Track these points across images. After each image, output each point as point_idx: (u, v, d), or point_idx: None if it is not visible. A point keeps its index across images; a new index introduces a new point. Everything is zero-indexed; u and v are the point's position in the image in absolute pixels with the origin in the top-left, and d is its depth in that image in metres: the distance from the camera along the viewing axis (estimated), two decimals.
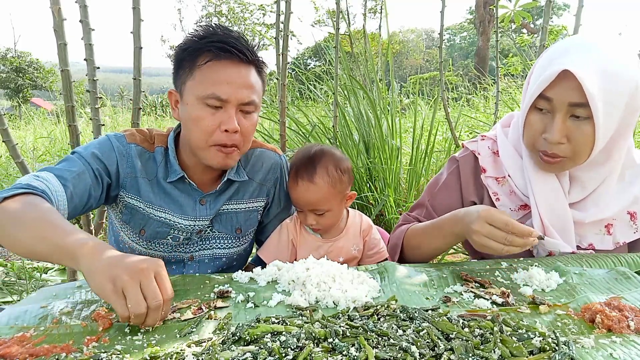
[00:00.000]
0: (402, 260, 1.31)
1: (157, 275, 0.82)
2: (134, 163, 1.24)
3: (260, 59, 1.24)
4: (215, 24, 1.21)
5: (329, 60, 3.89)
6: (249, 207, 1.38)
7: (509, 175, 1.24)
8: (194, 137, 1.20)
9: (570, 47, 1.07)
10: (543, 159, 1.12)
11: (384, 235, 1.65)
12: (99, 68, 1.86)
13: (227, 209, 1.35)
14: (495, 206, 1.27)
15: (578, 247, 1.20)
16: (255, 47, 1.22)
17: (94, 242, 0.88)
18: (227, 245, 1.37)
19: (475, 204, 1.31)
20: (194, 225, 1.30)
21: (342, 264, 1.26)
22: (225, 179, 1.30)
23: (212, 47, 1.15)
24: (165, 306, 0.82)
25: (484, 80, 6.79)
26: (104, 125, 1.93)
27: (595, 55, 1.03)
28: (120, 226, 1.32)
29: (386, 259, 1.50)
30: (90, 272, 0.83)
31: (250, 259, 1.59)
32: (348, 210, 1.46)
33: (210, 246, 1.35)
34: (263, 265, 1.17)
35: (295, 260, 1.36)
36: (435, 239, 1.20)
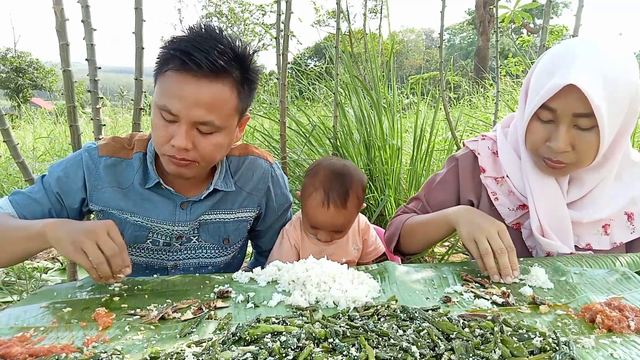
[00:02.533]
0: (397, 249, 1.36)
1: (110, 232, 0.98)
2: (100, 176, 1.22)
3: (246, 71, 1.12)
4: (203, 24, 1.10)
5: (329, 59, 3.90)
6: (238, 217, 1.34)
7: (507, 176, 1.24)
8: (154, 142, 1.16)
9: (572, 55, 1.05)
10: (548, 164, 1.12)
11: (379, 232, 1.65)
12: (100, 68, 1.86)
13: (215, 219, 1.30)
14: (493, 205, 1.27)
15: (576, 247, 1.20)
16: (246, 53, 1.11)
17: (55, 220, 1.06)
18: (213, 255, 1.33)
19: (472, 203, 1.31)
20: (173, 230, 1.26)
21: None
22: (212, 189, 1.26)
23: (175, 56, 1.06)
24: (123, 254, 0.98)
25: (484, 80, 6.79)
26: (104, 125, 1.93)
27: (598, 63, 1.02)
28: None
29: (383, 254, 1.51)
30: (56, 241, 0.99)
31: (245, 264, 1.59)
32: None
33: (196, 255, 1.31)
34: (263, 265, 1.17)
35: None
36: (433, 230, 1.23)
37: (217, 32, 1.09)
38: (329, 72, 4.07)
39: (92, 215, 1.35)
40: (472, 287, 0.98)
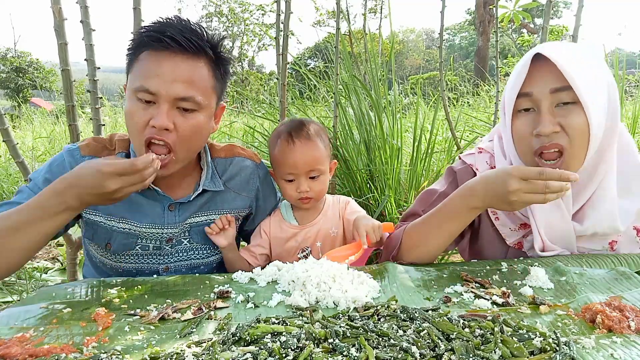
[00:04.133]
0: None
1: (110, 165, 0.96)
2: None
3: (220, 52, 1.13)
4: (174, 15, 1.12)
5: (329, 59, 3.89)
6: None
7: None
8: (130, 135, 1.13)
9: (537, 46, 1.08)
10: (545, 156, 1.07)
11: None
12: (99, 68, 1.86)
13: (206, 220, 1.29)
14: (493, 225, 1.24)
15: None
16: (213, 39, 1.12)
17: (67, 191, 0.98)
18: (205, 255, 1.32)
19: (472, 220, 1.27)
20: (162, 233, 1.24)
21: (320, 249, 1.33)
22: (200, 189, 1.24)
23: (147, 36, 1.06)
24: (136, 162, 0.97)
25: (484, 80, 6.79)
26: (104, 125, 1.92)
27: (566, 45, 1.06)
28: (87, 242, 1.28)
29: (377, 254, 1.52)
30: (90, 204, 1.00)
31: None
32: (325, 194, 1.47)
33: (188, 257, 1.30)
34: (262, 265, 1.17)
35: (271, 252, 1.39)
36: (444, 223, 1.12)
37: (183, 19, 1.11)
38: (328, 72, 4.07)
39: (74, 227, 1.32)
40: (472, 287, 0.98)
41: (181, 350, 0.72)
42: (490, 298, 0.92)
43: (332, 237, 1.42)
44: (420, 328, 0.75)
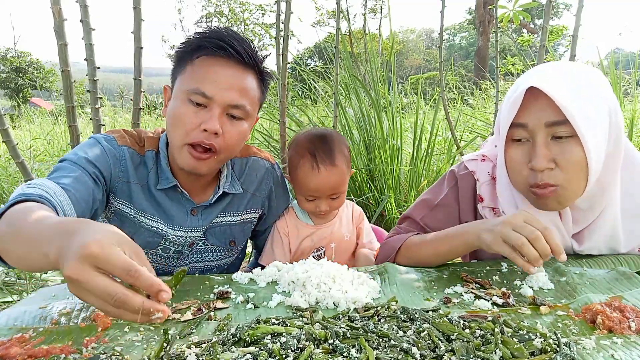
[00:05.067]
0: None
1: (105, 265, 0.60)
2: (127, 167, 1.17)
3: (264, 68, 1.18)
4: (224, 27, 1.16)
5: (329, 59, 3.89)
6: (243, 219, 1.34)
7: (502, 212, 1.16)
8: (172, 135, 1.13)
9: (533, 71, 1.03)
10: (537, 193, 1.01)
11: (380, 232, 1.65)
12: (99, 68, 1.86)
13: (222, 222, 1.30)
14: None
15: None
16: (260, 55, 1.16)
17: (54, 252, 0.66)
18: (219, 257, 1.33)
19: None
20: (186, 237, 1.25)
21: (334, 251, 1.31)
22: (221, 192, 1.25)
23: (208, 42, 1.10)
24: (141, 279, 0.60)
25: (484, 80, 6.79)
26: (104, 125, 1.92)
27: (562, 72, 0.98)
28: None
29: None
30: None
31: (245, 265, 1.59)
32: None
33: (202, 259, 1.31)
34: (262, 266, 1.17)
35: (290, 252, 1.36)
36: (442, 251, 1.10)
37: (236, 32, 1.15)
38: (329, 72, 4.06)
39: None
40: (472, 288, 0.98)
41: (181, 351, 0.71)
42: (491, 299, 0.92)
43: (346, 241, 1.42)
44: (421, 329, 0.75)
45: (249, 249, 1.62)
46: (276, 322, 0.79)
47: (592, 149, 0.96)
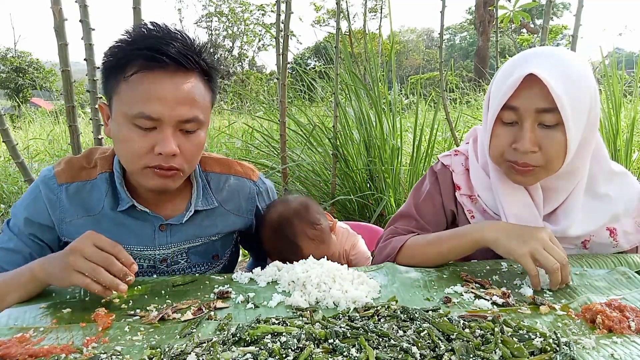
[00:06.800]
0: None
1: (94, 242, 0.91)
2: (66, 208, 1.12)
3: (210, 63, 1.06)
4: (151, 22, 1.03)
5: (329, 58, 3.89)
6: (225, 234, 1.27)
7: (478, 196, 1.21)
8: (125, 160, 1.06)
9: (531, 54, 1.05)
10: (515, 168, 1.06)
11: (379, 232, 1.65)
12: (99, 68, 1.86)
13: (204, 242, 1.23)
14: (469, 222, 1.24)
15: None
16: (200, 50, 1.04)
17: (39, 259, 0.98)
18: (202, 270, 1.27)
19: (454, 214, 1.28)
20: (155, 255, 1.18)
21: None
22: (192, 211, 1.17)
23: (139, 54, 0.96)
24: (120, 254, 0.92)
25: (484, 80, 6.79)
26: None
27: (558, 61, 1.02)
28: None
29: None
30: (49, 278, 0.95)
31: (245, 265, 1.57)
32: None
33: (185, 273, 1.23)
34: (263, 265, 1.17)
35: None
36: (447, 251, 1.13)
37: (168, 27, 1.02)
38: (329, 72, 4.07)
39: None
40: (472, 288, 0.98)
41: (181, 351, 0.72)
42: (491, 298, 0.92)
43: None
44: (421, 328, 0.75)
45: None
46: (276, 321, 0.79)
47: (574, 135, 1.01)
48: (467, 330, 0.75)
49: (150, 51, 0.96)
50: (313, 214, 1.32)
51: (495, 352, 0.68)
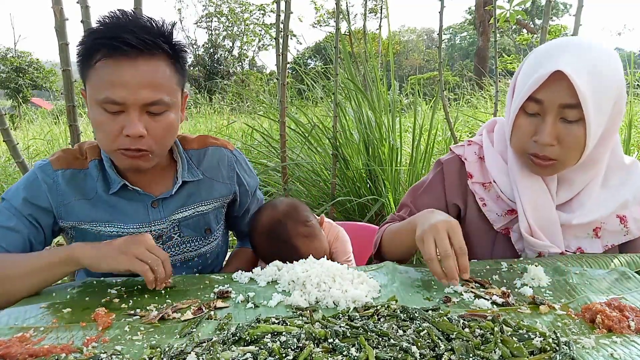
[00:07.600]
0: (378, 258, 1.32)
1: (151, 245, 1.03)
2: (63, 190, 1.16)
3: (175, 45, 1.09)
4: (119, 9, 1.07)
5: (329, 59, 3.89)
6: (215, 206, 1.33)
7: (494, 181, 1.23)
8: (100, 142, 1.12)
9: (559, 48, 1.06)
10: (534, 161, 1.10)
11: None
12: None
13: (193, 213, 1.28)
14: (481, 211, 1.26)
15: (566, 251, 1.19)
16: (164, 32, 1.08)
17: (78, 244, 1.06)
18: (197, 247, 1.31)
19: (458, 207, 1.30)
20: (151, 231, 1.22)
21: None
22: (180, 182, 1.23)
23: (101, 43, 1.01)
24: (167, 264, 1.01)
25: (484, 80, 6.79)
26: None
27: (586, 57, 1.02)
28: None
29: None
30: (97, 260, 1.00)
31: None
32: None
33: (180, 251, 1.29)
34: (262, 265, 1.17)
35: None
36: (403, 237, 1.17)
37: (132, 13, 1.06)
38: (328, 72, 4.07)
39: (57, 239, 1.30)
40: (472, 287, 0.98)
41: (181, 351, 0.72)
42: (490, 298, 0.92)
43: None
44: (420, 328, 0.75)
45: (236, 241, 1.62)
46: (276, 321, 0.79)
47: (593, 131, 1.03)
48: (466, 329, 0.75)
49: (110, 40, 1.00)
50: (302, 213, 1.35)
51: (495, 352, 0.68)
